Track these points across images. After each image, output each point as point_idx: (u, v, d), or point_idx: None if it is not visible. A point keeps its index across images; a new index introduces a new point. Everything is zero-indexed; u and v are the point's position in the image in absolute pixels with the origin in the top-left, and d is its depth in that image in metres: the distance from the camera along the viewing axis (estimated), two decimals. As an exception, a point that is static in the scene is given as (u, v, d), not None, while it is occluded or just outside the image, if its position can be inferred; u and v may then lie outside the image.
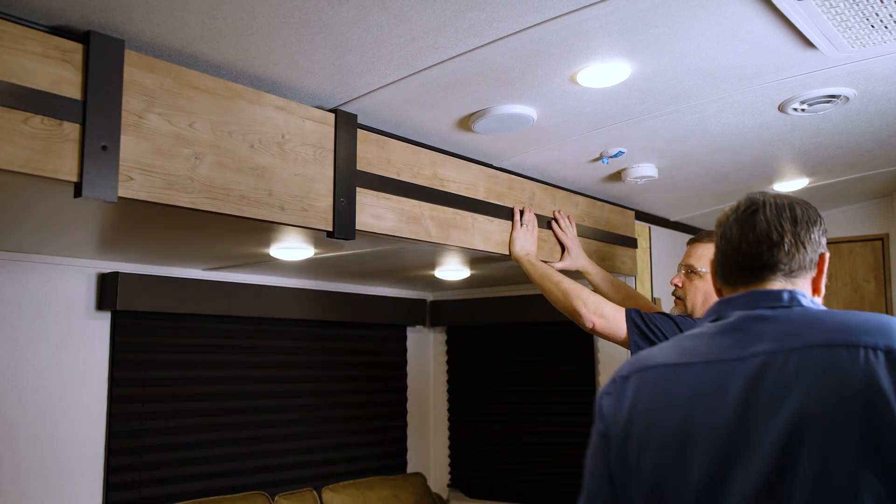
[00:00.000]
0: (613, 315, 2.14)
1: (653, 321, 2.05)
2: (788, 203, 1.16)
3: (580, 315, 2.20)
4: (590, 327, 2.18)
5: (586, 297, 2.21)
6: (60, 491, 2.76)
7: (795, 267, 1.14)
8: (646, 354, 1.20)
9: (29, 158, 1.45)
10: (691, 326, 2.01)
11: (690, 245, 2.25)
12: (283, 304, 3.42)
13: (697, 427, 1.04)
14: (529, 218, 2.66)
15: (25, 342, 2.73)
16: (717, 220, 1.24)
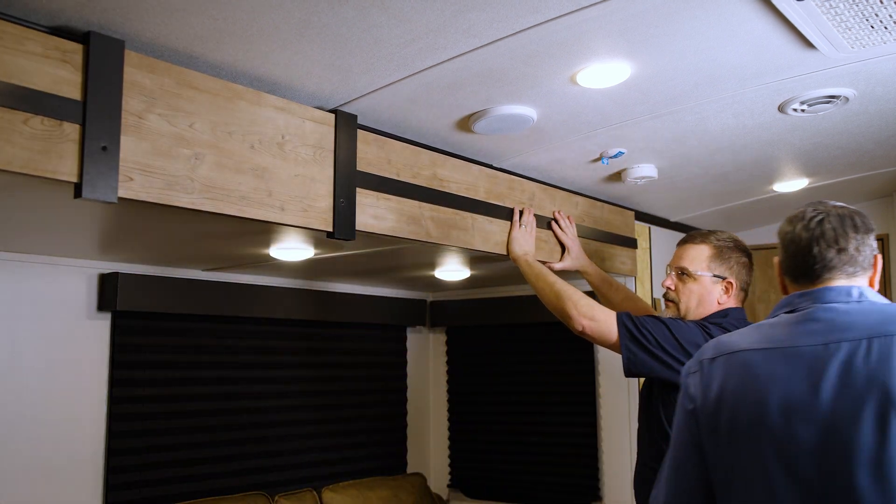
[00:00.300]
0: (604, 318, 2.11)
1: (644, 325, 2.02)
2: (849, 213, 1.37)
3: (570, 317, 2.17)
4: (580, 330, 2.15)
5: (578, 300, 2.18)
6: (60, 491, 2.76)
7: (858, 268, 1.35)
8: (727, 339, 1.40)
9: (29, 159, 1.45)
10: (685, 330, 2.00)
11: (681, 246, 2.21)
12: (283, 305, 3.42)
13: (794, 406, 1.22)
14: (528, 219, 2.65)
15: (25, 342, 2.73)
16: (783, 227, 1.45)
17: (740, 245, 2.15)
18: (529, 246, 2.60)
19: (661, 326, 2.01)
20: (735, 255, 2.12)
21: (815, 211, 1.40)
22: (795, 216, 1.43)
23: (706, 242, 2.14)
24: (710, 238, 2.15)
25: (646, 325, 2.02)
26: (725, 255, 2.12)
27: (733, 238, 2.16)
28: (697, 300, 2.11)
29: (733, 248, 2.13)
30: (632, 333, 2.02)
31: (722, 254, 2.12)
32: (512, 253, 2.58)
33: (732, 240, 2.15)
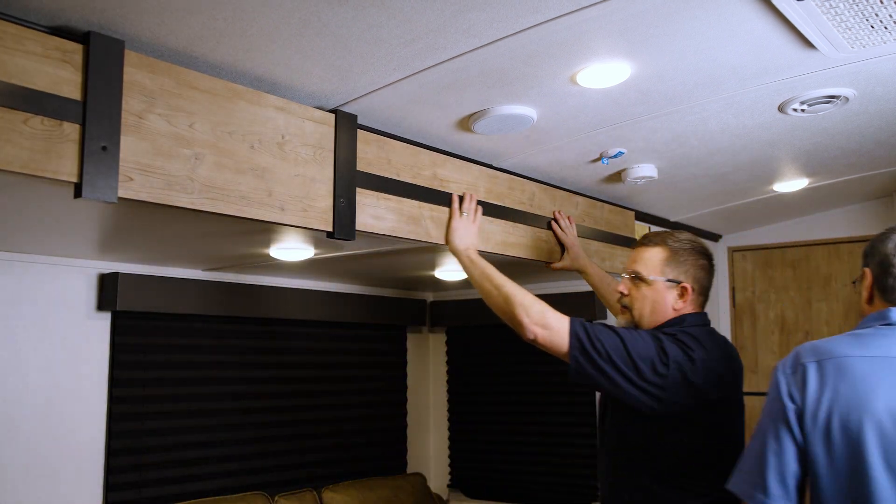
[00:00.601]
0: (558, 327, 1.91)
1: (597, 336, 1.85)
2: None
3: (521, 325, 1.97)
4: (531, 339, 1.95)
5: (530, 305, 1.98)
6: (60, 491, 2.76)
7: None
8: (822, 345, 1.56)
9: (29, 159, 1.45)
10: (639, 343, 1.84)
11: (635, 249, 2.10)
12: (283, 305, 3.42)
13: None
14: (471, 206, 2.41)
15: (25, 342, 2.73)
16: (874, 245, 1.63)
17: (699, 247, 2.05)
18: (472, 238, 2.35)
19: (614, 339, 1.86)
20: (692, 258, 2.01)
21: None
22: (886, 235, 1.63)
23: (661, 245, 2.03)
24: (665, 240, 2.04)
25: (599, 335, 1.86)
26: (681, 258, 2.00)
27: (691, 239, 2.05)
28: (651, 306, 2.00)
29: (690, 251, 2.01)
30: (582, 344, 1.85)
31: (677, 256, 2.00)
32: (451, 246, 2.32)
33: (690, 241, 2.04)
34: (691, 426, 1.87)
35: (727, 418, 1.95)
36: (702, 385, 1.84)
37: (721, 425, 1.92)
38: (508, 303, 2.04)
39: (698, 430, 1.88)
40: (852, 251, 3.91)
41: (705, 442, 1.88)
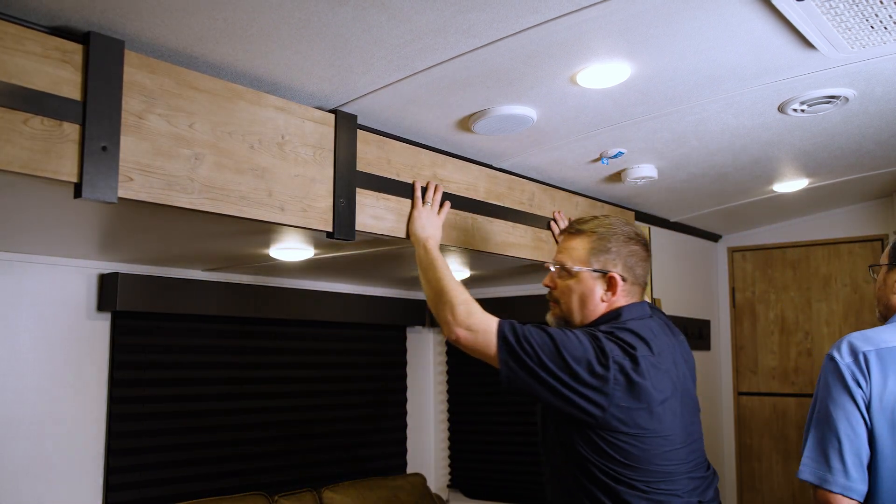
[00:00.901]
0: (483, 329, 1.76)
1: (528, 338, 1.70)
2: None
3: (446, 323, 1.82)
4: (454, 339, 1.80)
5: (458, 304, 1.82)
6: (60, 491, 2.76)
7: None
8: (873, 335, 1.74)
9: (29, 159, 1.45)
10: (573, 345, 1.68)
11: (562, 237, 1.95)
12: (283, 305, 3.42)
13: None
14: (435, 197, 2.29)
15: (25, 342, 2.73)
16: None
17: (629, 231, 1.87)
18: (434, 230, 2.20)
19: (545, 339, 1.69)
20: (621, 245, 1.83)
21: None
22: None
23: (586, 232, 1.86)
24: (591, 226, 1.87)
25: (529, 337, 1.70)
26: (609, 245, 1.83)
27: (621, 223, 1.88)
28: (580, 300, 1.84)
29: (619, 236, 1.84)
30: (511, 346, 1.70)
31: (604, 244, 1.83)
32: (412, 234, 2.20)
33: (619, 226, 1.87)
34: (640, 432, 1.67)
35: (674, 415, 1.73)
36: (648, 386, 1.67)
37: (671, 425, 1.72)
38: (439, 298, 1.89)
39: (649, 436, 1.68)
40: (852, 251, 3.91)
41: (657, 449, 1.69)
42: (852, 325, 3.87)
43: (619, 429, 1.66)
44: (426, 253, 2.08)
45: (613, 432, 1.66)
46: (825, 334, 3.94)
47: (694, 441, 1.79)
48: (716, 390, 4.28)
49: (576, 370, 1.64)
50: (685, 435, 1.75)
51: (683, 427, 1.75)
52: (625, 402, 1.65)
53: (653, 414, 1.68)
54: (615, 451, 1.67)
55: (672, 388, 1.74)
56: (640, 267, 1.86)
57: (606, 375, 1.64)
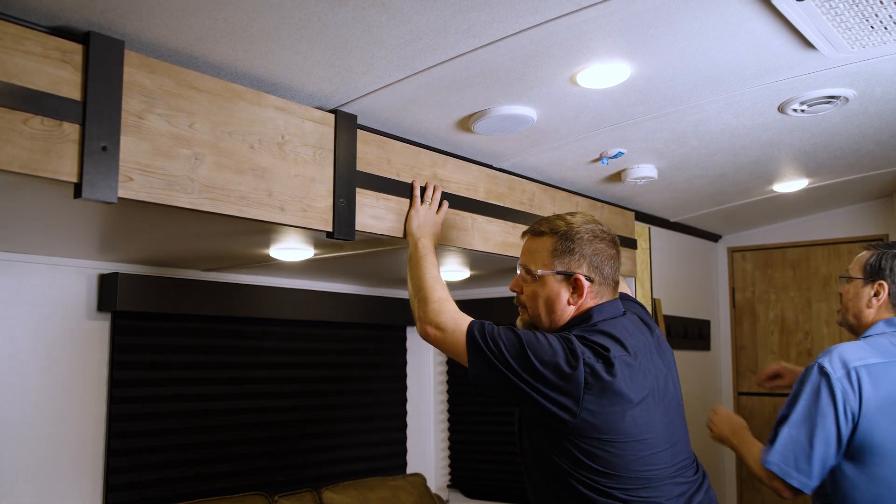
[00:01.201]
0: (452, 328, 1.72)
1: (494, 338, 1.64)
2: None
3: (418, 319, 1.80)
4: (423, 336, 1.79)
5: (430, 301, 1.80)
6: (60, 491, 2.76)
7: None
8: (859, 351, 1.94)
9: (29, 159, 1.45)
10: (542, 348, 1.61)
11: (525, 238, 1.86)
12: (282, 305, 3.42)
13: None
14: (434, 196, 2.27)
15: (25, 343, 2.73)
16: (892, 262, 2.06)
17: (595, 230, 1.77)
18: (431, 227, 2.19)
19: (514, 340, 1.63)
20: (584, 244, 1.73)
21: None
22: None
23: (548, 233, 1.76)
24: (551, 225, 1.77)
25: (497, 337, 1.64)
26: (573, 246, 1.73)
27: (584, 220, 1.78)
28: (546, 305, 1.76)
29: (582, 235, 1.74)
30: (478, 347, 1.64)
31: (568, 244, 1.73)
32: (408, 232, 2.18)
33: (582, 223, 1.76)
34: (615, 437, 1.59)
35: (652, 417, 1.65)
36: (623, 388, 1.59)
37: (650, 428, 1.64)
38: (415, 294, 1.87)
39: (625, 441, 1.60)
40: (852, 251, 3.91)
41: (634, 454, 1.61)
42: (852, 325, 3.87)
43: (593, 434, 1.58)
44: (416, 251, 2.08)
45: (587, 438, 1.58)
46: (825, 334, 3.94)
47: (677, 442, 1.70)
48: (716, 390, 4.28)
49: (543, 373, 1.57)
50: (667, 436, 1.67)
51: (665, 427, 1.67)
52: (597, 405, 1.57)
53: (628, 417, 1.59)
54: (590, 458, 1.59)
55: (650, 387, 1.66)
56: (607, 266, 1.76)
57: (576, 378, 1.56)
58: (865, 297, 2.08)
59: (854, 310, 2.11)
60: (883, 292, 2.05)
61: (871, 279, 2.07)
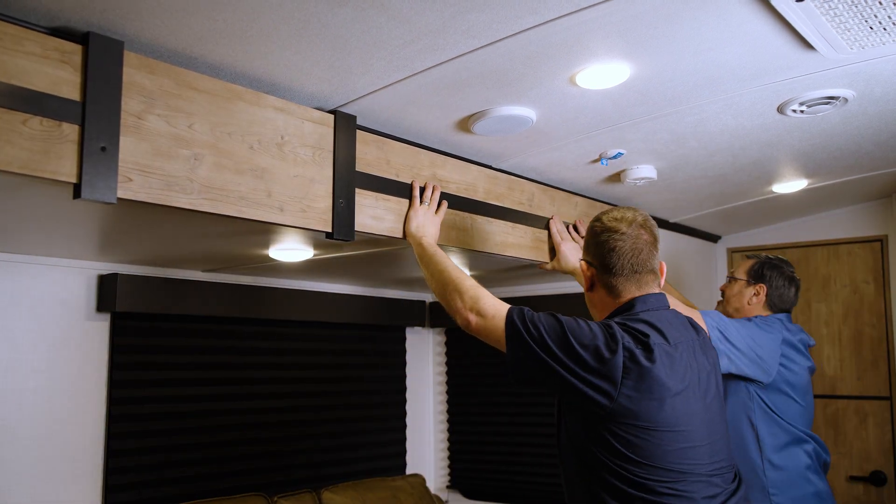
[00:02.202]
0: (493, 313, 1.75)
1: (535, 323, 1.66)
2: None
3: (456, 311, 1.84)
4: (464, 325, 1.82)
5: (466, 290, 1.83)
6: (60, 492, 2.76)
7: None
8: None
9: (28, 159, 1.45)
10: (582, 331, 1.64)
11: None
12: (282, 306, 3.42)
13: None
14: (433, 196, 2.30)
15: (25, 343, 2.73)
16: (782, 270, 2.49)
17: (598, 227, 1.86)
18: (431, 228, 2.22)
19: (554, 324, 1.66)
20: (590, 238, 1.85)
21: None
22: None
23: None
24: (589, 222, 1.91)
25: (538, 323, 1.66)
26: (588, 240, 1.88)
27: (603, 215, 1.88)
28: (587, 299, 1.91)
29: (592, 229, 1.86)
30: (518, 331, 1.66)
31: (588, 238, 1.88)
32: (408, 233, 2.20)
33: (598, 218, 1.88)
34: (652, 425, 1.60)
35: (691, 409, 1.66)
36: (662, 375, 1.60)
37: (688, 420, 1.64)
38: (446, 287, 1.91)
39: (662, 430, 1.60)
40: (851, 252, 3.91)
41: (670, 445, 1.60)
42: (852, 325, 3.87)
43: (630, 421, 1.58)
44: (423, 249, 2.11)
45: (624, 425, 1.59)
46: (824, 335, 3.94)
47: (716, 441, 1.68)
48: (715, 391, 4.27)
49: (583, 356, 1.59)
50: (706, 433, 1.66)
51: (704, 424, 1.66)
52: (635, 391, 1.58)
53: (666, 406, 1.60)
54: (626, 446, 1.58)
55: (690, 379, 1.66)
56: (610, 256, 1.81)
57: (615, 362, 1.58)
58: (747, 297, 2.58)
59: (736, 304, 2.61)
60: (762, 293, 2.55)
61: (754, 282, 2.56)
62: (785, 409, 2.39)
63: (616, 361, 1.58)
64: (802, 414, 2.44)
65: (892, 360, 3.74)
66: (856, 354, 3.84)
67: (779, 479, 2.37)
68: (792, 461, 2.38)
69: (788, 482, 2.38)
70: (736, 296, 2.61)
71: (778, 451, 2.37)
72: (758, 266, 2.60)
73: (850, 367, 3.85)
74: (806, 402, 2.45)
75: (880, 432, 3.73)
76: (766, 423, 2.38)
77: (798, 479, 2.38)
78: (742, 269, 2.64)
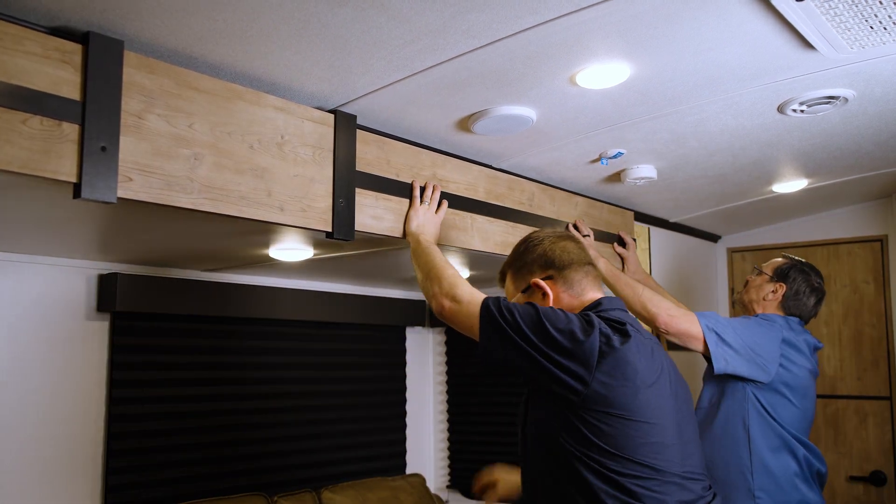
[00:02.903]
0: (469, 300, 1.72)
1: (510, 308, 1.64)
2: None
3: (432, 296, 1.81)
4: (438, 311, 1.80)
5: (444, 277, 1.83)
6: (59, 492, 2.76)
7: None
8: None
9: (28, 159, 1.45)
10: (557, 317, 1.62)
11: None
12: (282, 305, 3.42)
13: None
14: (434, 195, 2.31)
15: (24, 343, 2.73)
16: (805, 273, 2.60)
17: (532, 239, 1.87)
18: (430, 227, 2.23)
19: (530, 311, 1.64)
20: (534, 255, 1.83)
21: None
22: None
23: (506, 272, 1.91)
24: (508, 266, 1.90)
25: (513, 309, 1.64)
26: (523, 270, 1.84)
27: (525, 239, 1.89)
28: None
29: (526, 250, 1.86)
30: (493, 317, 1.64)
31: (521, 271, 1.85)
32: (407, 232, 2.21)
33: (525, 241, 1.89)
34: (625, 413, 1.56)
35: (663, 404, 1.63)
36: (636, 361, 1.58)
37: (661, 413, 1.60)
38: (428, 275, 1.90)
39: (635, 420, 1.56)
40: (851, 252, 3.91)
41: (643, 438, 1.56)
42: (852, 325, 3.87)
43: (602, 408, 1.55)
44: (419, 244, 2.10)
45: (596, 412, 1.55)
46: (824, 335, 3.94)
47: (688, 444, 1.66)
48: (715, 391, 4.27)
49: (557, 339, 1.57)
50: (677, 432, 1.63)
51: (676, 423, 1.63)
52: (609, 377, 1.55)
53: (640, 394, 1.56)
54: (598, 436, 1.54)
55: (661, 377, 1.64)
56: (552, 253, 1.81)
57: (589, 345, 1.56)
58: (765, 292, 2.56)
59: (753, 296, 2.60)
60: (780, 293, 2.53)
61: (776, 280, 2.54)
62: (780, 410, 2.36)
63: (591, 344, 1.56)
64: (798, 418, 2.39)
65: (892, 360, 3.74)
66: (856, 354, 3.84)
67: (765, 483, 2.33)
68: (780, 465, 2.34)
69: (775, 486, 2.33)
70: (756, 288, 2.60)
71: (767, 454, 2.34)
72: (786, 266, 2.56)
73: (850, 367, 3.85)
74: (803, 405, 2.40)
75: (880, 432, 3.73)
76: (758, 424, 2.36)
77: (785, 484, 2.33)
78: (771, 265, 2.61)
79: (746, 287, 2.66)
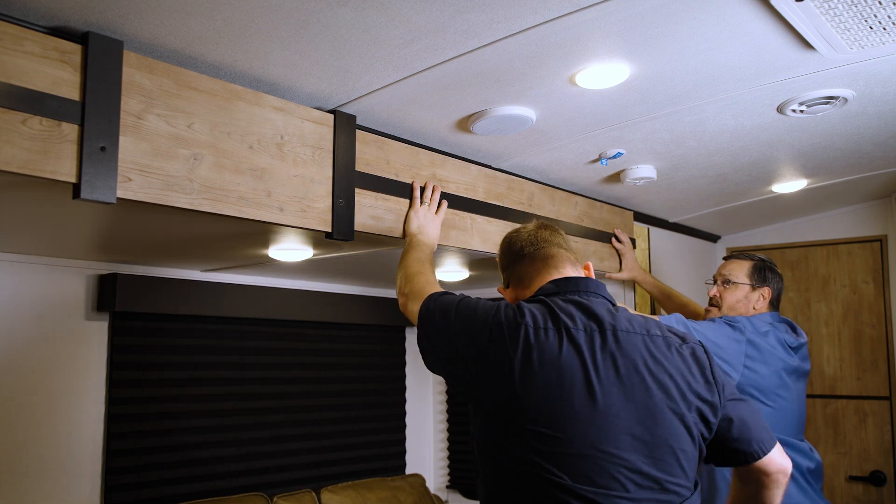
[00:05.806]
0: (418, 295, 1.68)
1: (442, 305, 1.55)
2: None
3: (398, 292, 1.83)
4: (400, 307, 1.84)
5: (411, 274, 1.82)
6: (59, 492, 2.76)
7: None
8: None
9: (27, 159, 1.45)
10: (468, 306, 1.53)
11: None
12: (282, 305, 3.42)
13: None
14: (434, 196, 2.29)
15: (24, 343, 2.73)
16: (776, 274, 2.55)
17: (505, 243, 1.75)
18: (432, 228, 2.21)
19: (455, 298, 1.58)
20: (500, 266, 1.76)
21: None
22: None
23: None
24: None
25: (446, 304, 1.57)
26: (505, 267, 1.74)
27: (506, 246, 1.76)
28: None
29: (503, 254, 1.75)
30: (428, 308, 1.58)
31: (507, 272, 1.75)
32: (407, 231, 2.20)
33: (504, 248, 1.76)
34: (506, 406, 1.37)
35: (571, 408, 1.35)
36: (516, 361, 1.36)
37: (557, 418, 1.34)
38: (400, 272, 1.90)
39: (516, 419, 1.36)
40: (851, 252, 3.91)
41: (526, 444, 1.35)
42: (851, 325, 3.87)
43: (488, 399, 1.41)
44: (409, 245, 2.11)
45: (485, 404, 1.42)
46: (824, 335, 3.94)
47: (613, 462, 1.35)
48: (715, 391, 4.27)
49: (454, 323, 1.49)
50: (590, 446, 1.34)
51: (595, 434, 1.34)
52: (498, 354, 1.38)
53: (521, 405, 1.35)
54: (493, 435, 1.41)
55: (571, 376, 1.37)
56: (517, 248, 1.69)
57: (482, 323, 1.44)
58: (753, 301, 2.50)
59: (742, 310, 2.51)
60: (768, 296, 2.50)
61: (759, 285, 2.50)
62: None
63: (486, 324, 1.44)
64: (774, 418, 2.26)
65: (891, 360, 3.74)
66: (855, 354, 3.84)
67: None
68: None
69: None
70: (741, 301, 2.49)
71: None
72: (759, 268, 2.51)
73: (849, 367, 3.85)
74: (778, 405, 2.31)
75: (880, 432, 3.73)
76: None
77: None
78: (740, 272, 2.51)
79: (725, 303, 2.51)
